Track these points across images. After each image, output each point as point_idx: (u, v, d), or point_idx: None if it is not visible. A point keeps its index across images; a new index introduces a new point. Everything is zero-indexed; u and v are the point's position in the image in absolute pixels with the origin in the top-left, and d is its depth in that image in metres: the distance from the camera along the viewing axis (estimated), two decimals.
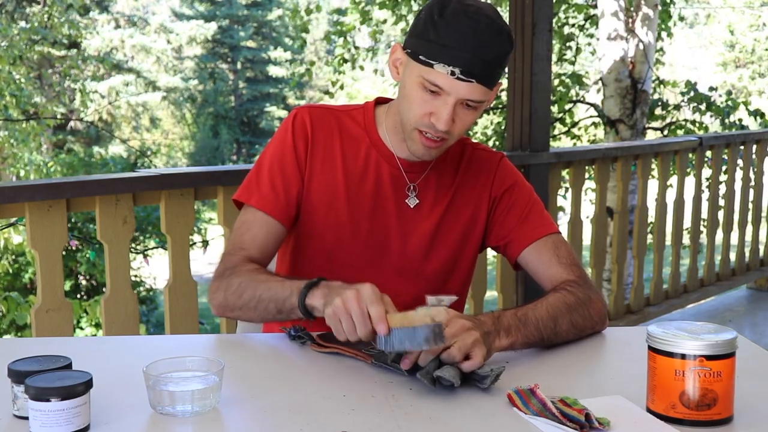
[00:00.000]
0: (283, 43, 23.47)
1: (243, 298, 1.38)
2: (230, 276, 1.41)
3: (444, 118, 1.36)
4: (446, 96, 1.35)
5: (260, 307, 1.36)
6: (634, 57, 6.50)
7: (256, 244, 1.46)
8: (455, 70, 1.32)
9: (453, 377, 1.13)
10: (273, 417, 1.09)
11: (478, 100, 1.37)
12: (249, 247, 1.46)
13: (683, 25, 12.56)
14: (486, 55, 1.33)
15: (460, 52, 1.32)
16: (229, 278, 1.41)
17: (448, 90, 1.34)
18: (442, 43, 1.33)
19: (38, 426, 0.98)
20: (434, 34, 1.34)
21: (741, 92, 21.48)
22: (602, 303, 1.47)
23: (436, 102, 1.36)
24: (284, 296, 1.31)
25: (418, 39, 1.37)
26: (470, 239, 1.56)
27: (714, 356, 1.02)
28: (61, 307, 2.32)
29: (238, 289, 1.39)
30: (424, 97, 1.37)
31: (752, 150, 4.95)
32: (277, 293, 1.33)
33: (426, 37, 1.35)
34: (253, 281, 1.37)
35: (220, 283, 1.42)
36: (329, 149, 1.51)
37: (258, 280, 1.37)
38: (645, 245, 4.20)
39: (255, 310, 1.37)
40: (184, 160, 22.36)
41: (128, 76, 20.30)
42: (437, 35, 1.33)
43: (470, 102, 1.37)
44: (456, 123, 1.38)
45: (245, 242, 1.46)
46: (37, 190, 2.29)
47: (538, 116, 3.44)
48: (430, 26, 1.35)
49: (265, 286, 1.35)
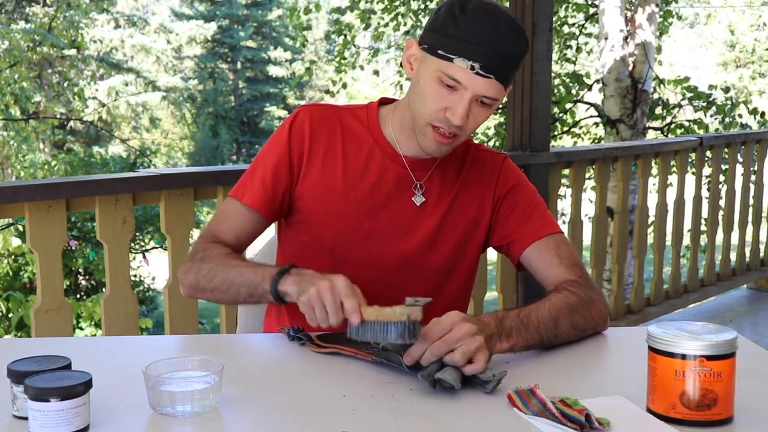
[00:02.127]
0: (283, 43, 23.48)
1: (214, 281, 1.42)
2: (202, 259, 1.45)
3: (460, 112, 1.37)
4: (463, 91, 1.36)
5: (231, 290, 1.40)
6: (634, 57, 6.50)
7: (232, 233, 1.51)
8: (475, 65, 1.34)
9: (454, 380, 1.13)
10: (273, 417, 1.09)
11: (493, 97, 1.38)
12: (225, 235, 1.50)
13: (683, 25, 12.57)
14: (505, 53, 1.35)
15: (481, 47, 1.34)
16: (201, 261, 1.44)
17: (466, 84, 1.36)
18: (462, 38, 1.34)
19: (38, 426, 0.98)
20: (454, 30, 1.35)
21: (741, 92, 21.48)
22: (603, 303, 1.47)
23: (452, 97, 1.38)
24: (256, 281, 1.35)
25: (437, 34, 1.38)
26: (473, 238, 1.57)
27: (714, 356, 1.02)
28: (61, 307, 2.32)
29: (209, 272, 1.42)
30: (441, 92, 1.38)
31: (753, 150, 4.94)
32: (249, 278, 1.37)
33: (445, 32, 1.36)
34: (225, 265, 1.41)
35: (192, 265, 1.46)
36: (331, 147, 1.52)
37: (230, 264, 1.41)
38: (645, 245, 4.20)
39: (226, 293, 1.41)
40: (184, 160, 22.37)
41: (128, 76, 20.31)
42: (458, 30, 1.35)
43: (485, 99, 1.38)
44: (470, 119, 1.40)
45: (222, 230, 1.51)
46: (37, 190, 2.29)
47: (538, 116, 3.44)
48: (450, 22, 1.36)
49: (237, 270, 1.39)
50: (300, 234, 1.54)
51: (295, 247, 1.56)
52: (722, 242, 4.76)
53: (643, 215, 4.15)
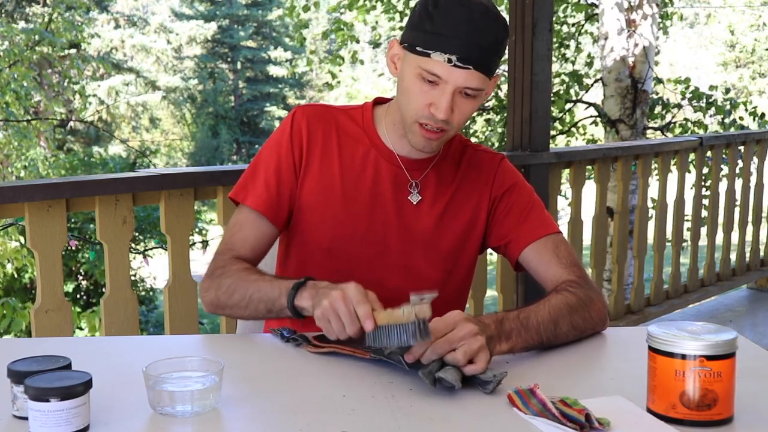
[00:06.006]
0: (283, 43, 23.48)
1: (233, 297, 1.41)
2: (221, 275, 1.44)
3: (443, 106, 1.37)
4: (444, 84, 1.37)
5: (251, 306, 1.39)
6: (634, 56, 6.50)
7: (247, 244, 1.50)
8: (452, 57, 1.34)
9: (454, 380, 1.13)
10: (273, 417, 1.09)
11: (476, 88, 1.38)
12: (240, 246, 1.49)
13: (683, 25, 12.57)
14: (481, 42, 1.35)
15: (456, 39, 1.34)
16: (220, 278, 1.44)
17: (446, 78, 1.36)
18: (437, 32, 1.35)
19: (38, 426, 0.98)
20: (430, 25, 1.36)
21: (741, 92, 21.48)
22: (603, 303, 1.47)
23: (434, 92, 1.38)
24: (273, 297, 1.35)
25: (414, 31, 1.39)
26: (470, 238, 1.57)
27: (714, 356, 1.02)
28: (61, 307, 2.31)
29: (228, 288, 1.42)
30: (423, 88, 1.39)
31: (752, 150, 4.95)
32: (266, 294, 1.36)
33: (422, 28, 1.37)
34: (243, 281, 1.41)
35: (212, 282, 1.45)
36: (327, 148, 1.52)
37: (248, 280, 1.41)
38: (645, 245, 4.20)
39: (246, 309, 1.41)
40: (184, 160, 22.37)
41: (128, 76, 20.32)
42: (433, 25, 1.36)
43: (468, 90, 1.38)
44: (455, 113, 1.40)
45: (236, 242, 1.50)
46: (37, 190, 2.28)
47: (538, 116, 3.44)
48: (425, 17, 1.37)
49: (255, 286, 1.39)
50: (298, 235, 1.55)
51: (293, 248, 1.57)
52: (722, 242, 4.76)
53: (642, 215, 4.15)
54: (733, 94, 7.71)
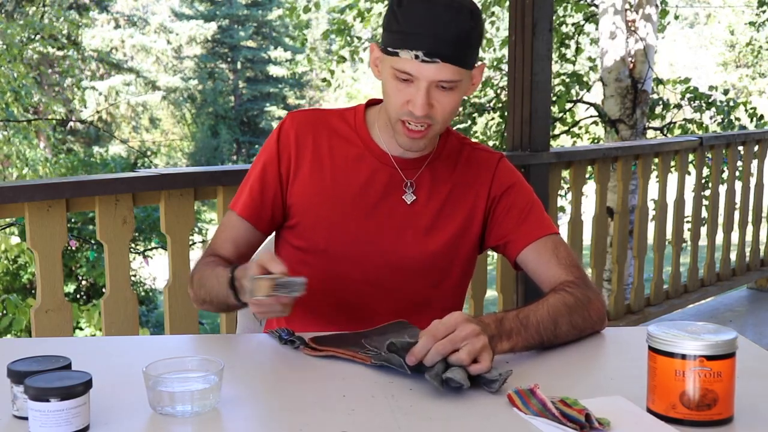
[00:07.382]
0: (283, 43, 23.48)
1: (200, 293, 1.50)
2: (194, 272, 1.53)
3: (419, 103, 1.39)
4: (417, 81, 1.39)
5: (215, 301, 1.46)
6: (634, 56, 6.50)
7: (227, 245, 1.56)
8: (418, 53, 1.36)
9: (462, 379, 1.13)
10: (273, 417, 1.09)
11: (450, 80, 1.39)
12: (219, 247, 1.57)
13: (683, 25, 12.56)
14: (446, 35, 1.36)
15: (420, 35, 1.36)
16: (195, 273, 1.53)
17: (417, 74, 1.38)
18: (402, 30, 1.37)
19: (38, 426, 0.98)
20: (396, 24, 1.39)
21: (741, 92, 21.48)
22: (601, 303, 1.47)
23: (410, 89, 1.40)
24: (224, 293, 1.40)
25: (385, 32, 1.42)
26: (466, 237, 1.57)
27: (714, 356, 1.02)
28: (61, 307, 2.31)
29: (198, 282, 1.51)
30: (399, 87, 1.41)
31: (753, 150, 4.95)
32: (219, 291, 1.42)
33: (390, 28, 1.40)
34: (205, 277, 1.48)
35: (191, 278, 1.55)
36: (318, 151, 1.54)
37: (208, 275, 1.48)
38: (645, 245, 4.20)
39: (212, 304, 1.48)
40: (184, 160, 22.37)
41: (128, 75, 20.32)
42: (398, 24, 1.38)
43: (444, 83, 1.39)
44: (435, 107, 1.41)
45: (217, 243, 1.57)
46: (37, 190, 2.29)
47: (538, 116, 3.44)
48: (392, 18, 1.40)
49: (210, 283, 1.46)
50: (294, 239, 1.57)
51: (290, 251, 1.58)
52: (722, 242, 4.76)
53: (643, 215, 4.15)
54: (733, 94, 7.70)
